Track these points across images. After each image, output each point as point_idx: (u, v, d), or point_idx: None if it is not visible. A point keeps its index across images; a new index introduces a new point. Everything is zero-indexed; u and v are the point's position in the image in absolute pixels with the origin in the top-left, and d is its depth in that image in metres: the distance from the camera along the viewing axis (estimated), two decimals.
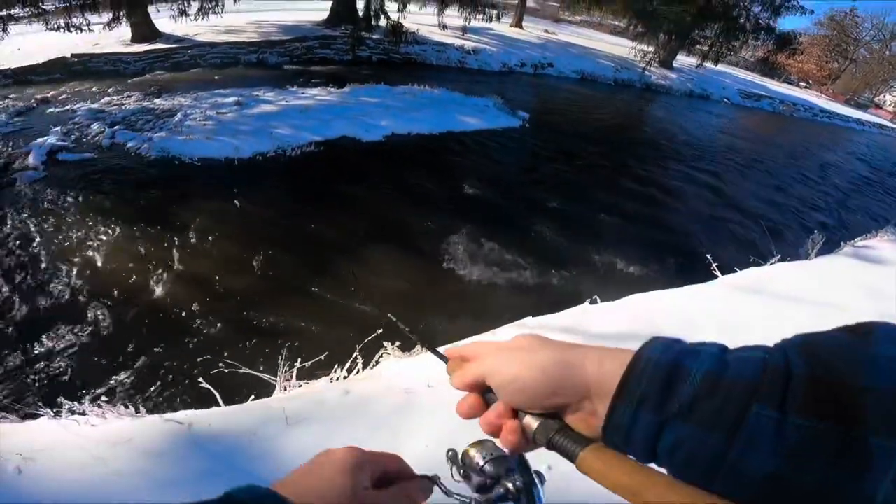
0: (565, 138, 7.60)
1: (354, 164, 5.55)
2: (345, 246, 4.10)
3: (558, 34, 20.33)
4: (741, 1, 18.66)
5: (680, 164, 8.45)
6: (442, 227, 4.47)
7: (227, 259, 3.77)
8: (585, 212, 5.31)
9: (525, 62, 13.74)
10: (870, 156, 17.50)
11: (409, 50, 11.76)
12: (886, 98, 45.88)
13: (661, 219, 5.69)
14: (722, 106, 18.62)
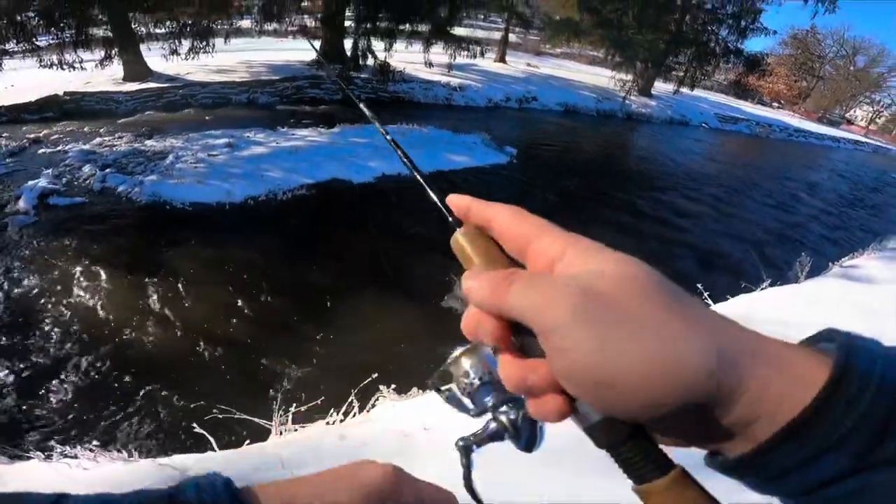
0: (552, 172, 7.77)
1: (346, 207, 5.60)
2: (339, 289, 4.10)
3: (541, 67, 21.04)
4: (710, 25, 19.62)
5: (665, 192, 8.64)
6: (434, 268, 4.49)
7: (220, 304, 3.74)
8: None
9: (510, 97, 14.15)
10: (849, 172, 18.12)
11: (397, 88, 12.07)
12: (857, 113, 47.67)
13: (651, 250, 5.77)
14: (701, 131, 19.24)
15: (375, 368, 2.18)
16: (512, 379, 0.26)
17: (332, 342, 3.50)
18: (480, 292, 0.26)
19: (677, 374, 0.21)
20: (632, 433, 0.24)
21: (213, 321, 3.54)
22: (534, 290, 0.24)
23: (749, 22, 19.45)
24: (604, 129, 14.46)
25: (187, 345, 3.30)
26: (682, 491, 0.23)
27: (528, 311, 0.23)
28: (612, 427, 0.24)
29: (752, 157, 16.36)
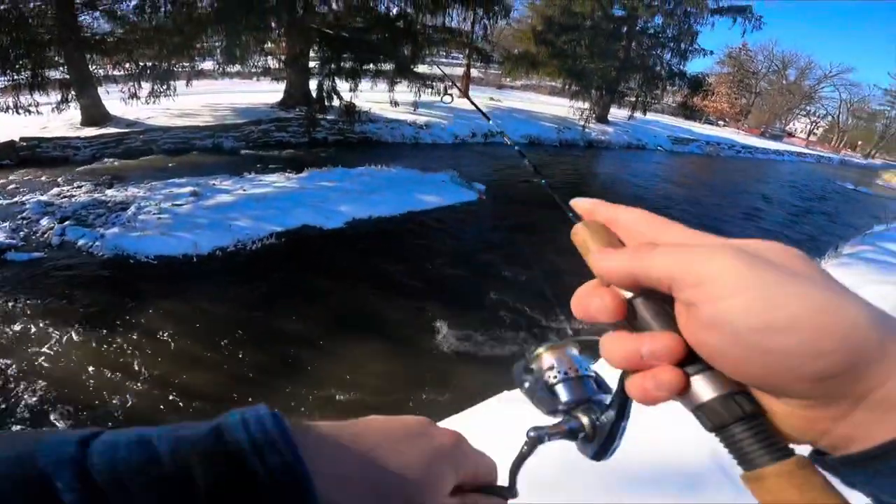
0: (522, 206, 7.93)
1: (317, 254, 5.54)
2: (315, 339, 4.04)
3: (503, 101, 21.82)
4: (654, 50, 20.97)
5: None
6: (410, 311, 4.49)
7: (190, 359, 3.63)
8: (544, 278, 5.47)
9: (475, 132, 14.54)
10: (798, 183, 19.33)
11: (364, 129, 12.21)
12: (796, 126, 51.06)
13: None
14: (658, 154, 20.22)
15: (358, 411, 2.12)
16: (623, 352, 0.25)
17: (310, 393, 3.42)
18: (618, 257, 0.26)
19: (845, 322, 0.20)
20: (750, 413, 0.23)
21: (182, 377, 3.42)
22: (682, 249, 0.24)
23: (688, 44, 20.90)
24: (567, 158, 15.00)
25: (155, 402, 3.18)
26: (807, 477, 0.21)
27: (676, 266, 0.23)
28: (729, 404, 0.23)
29: (708, 177, 17.28)
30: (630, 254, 0.25)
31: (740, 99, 45.45)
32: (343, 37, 11.38)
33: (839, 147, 47.17)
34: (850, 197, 18.23)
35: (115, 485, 0.19)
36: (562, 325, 4.65)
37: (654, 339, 0.24)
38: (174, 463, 0.20)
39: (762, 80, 47.43)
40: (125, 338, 3.81)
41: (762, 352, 0.21)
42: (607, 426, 0.31)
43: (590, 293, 0.27)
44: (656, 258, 0.24)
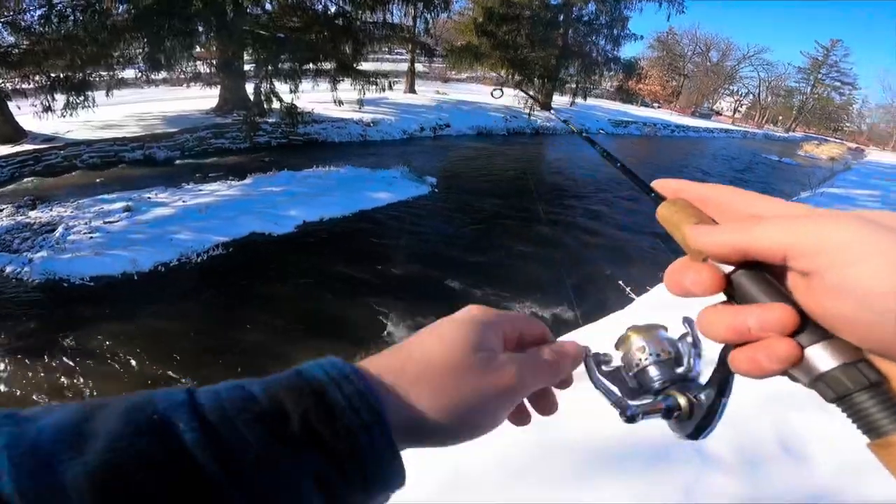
0: (473, 196, 8.00)
1: (269, 262, 5.32)
2: (269, 347, 3.90)
3: (449, 93, 21.84)
4: (589, 37, 21.72)
5: (578, 199, 9.26)
6: (369, 311, 4.42)
7: (140, 381, 3.46)
8: (501, 264, 5.55)
9: (424, 126, 14.49)
10: (729, 157, 20.70)
11: (309, 130, 11.85)
12: (722, 105, 54.66)
13: (572, 255, 6.12)
14: (600, 137, 20.96)
15: None
16: (728, 324, 0.24)
17: None
18: (723, 231, 0.24)
19: None
20: (875, 381, 0.21)
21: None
22: (794, 219, 0.22)
23: (620, 30, 21.80)
24: (516, 146, 15.27)
25: None
26: None
27: (792, 236, 0.22)
28: (852, 373, 0.22)
29: (649, 156, 18.16)
30: (735, 227, 0.24)
31: (671, 81, 47.98)
32: (278, 37, 10.96)
33: (762, 123, 50.80)
34: (776, 168, 19.71)
35: (225, 421, 0.22)
36: (526, 309, 4.73)
37: (763, 309, 0.23)
38: (269, 399, 0.24)
39: (689, 62, 50.27)
40: (66, 364, 3.57)
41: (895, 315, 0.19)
42: (705, 404, 0.30)
43: (685, 268, 0.26)
44: (768, 229, 0.23)
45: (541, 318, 4.74)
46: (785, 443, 1.67)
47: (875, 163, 22.69)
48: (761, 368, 0.23)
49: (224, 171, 8.51)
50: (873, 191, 12.18)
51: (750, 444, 1.65)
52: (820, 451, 1.61)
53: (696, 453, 1.61)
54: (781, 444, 1.67)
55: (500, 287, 4.97)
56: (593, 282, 5.39)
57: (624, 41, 22.29)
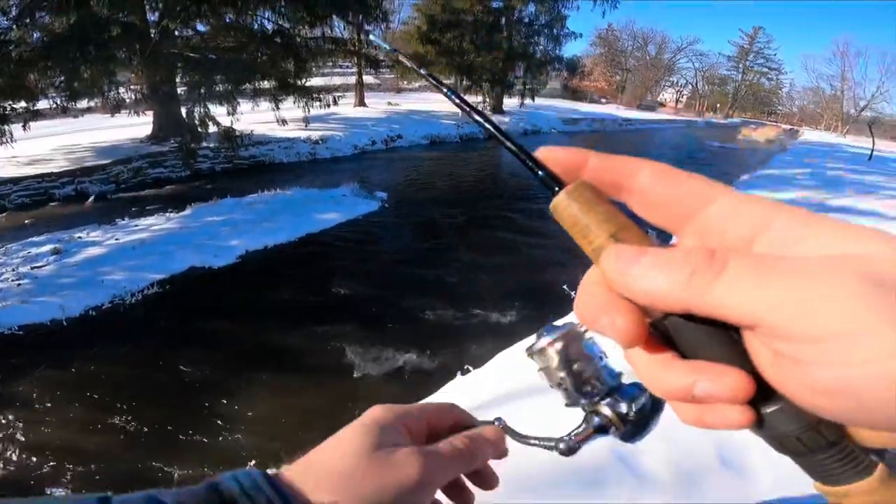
0: (425, 208, 7.89)
1: (209, 297, 5.02)
2: (211, 385, 3.70)
3: (401, 104, 21.76)
4: (532, 38, 22.27)
5: (531, 202, 9.32)
6: (315, 338, 4.24)
7: (75, 428, 3.32)
8: (452, 277, 5.45)
9: (375, 139, 14.31)
10: (675, 146, 21.62)
11: (255, 152, 11.45)
12: (665, 96, 57.39)
13: (526, 261, 6.09)
14: (553, 136, 21.46)
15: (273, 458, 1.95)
16: (666, 386, 0.19)
17: (217, 442, 3.14)
18: (664, 277, 0.17)
19: None
20: (835, 440, 0.19)
21: (72, 445, 3.15)
22: (770, 274, 0.16)
23: (559, 29, 22.46)
24: (469, 153, 15.33)
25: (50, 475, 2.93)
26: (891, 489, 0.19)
27: (765, 306, 0.16)
28: (813, 437, 0.19)
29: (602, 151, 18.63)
30: (684, 274, 0.17)
31: (615, 76, 49.91)
32: (210, 59, 10.55)
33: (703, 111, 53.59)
34: (718, 153, 20.70)
35: None
36: (481, 318, 4.65)
37: (713, 377, 0.18)
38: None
39: (630, 57, 52.51)
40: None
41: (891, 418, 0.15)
42: (637, 415, 0.29)
43: (599, 305, 0.19)
44: (735, 290, 0.16)
45: (495, 328, 4.75)
46: (723, 456, 1.63)
47: (810, 142, 24.24)
48: (709, 427, 0.20)
49: (163, 203, 8.06)
50: (806, 169, 12.93)
51: (687, 459, 1.60)
52: (759, 462, 1.58)
53: (631, 474, 1.54)
54: (720, 457, 1.63)
55: (451, 302, 4.86)
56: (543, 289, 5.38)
57: (565, 40, 22.99)
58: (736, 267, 0.16)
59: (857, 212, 7.58)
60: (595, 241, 0.20)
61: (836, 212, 7.44)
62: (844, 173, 12.45)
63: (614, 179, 0.21)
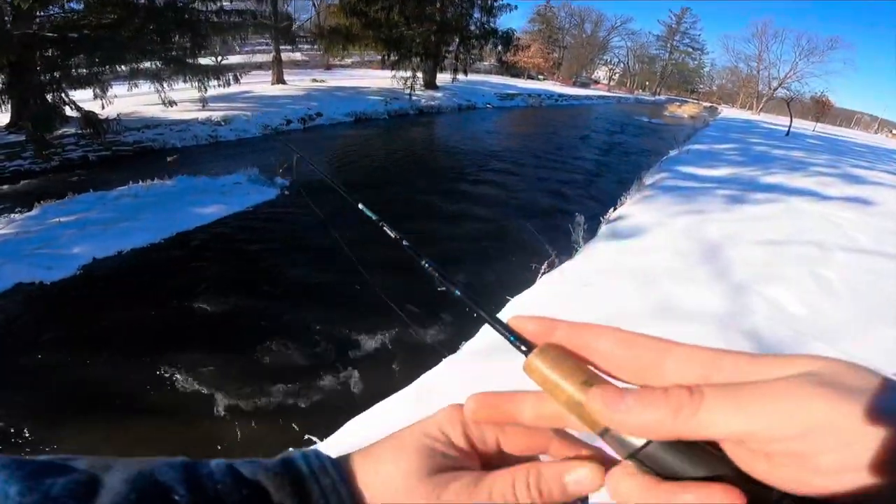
0: (330, 194, 6.86)
1: (33, 323, 3.87)
2: (22, 434, 2.75)
3: (328, 81, 20.23)
4: (466, 10, 21.32)
5: (455, 183, 8.63)
6: (166, 370, 3.27)
7: None
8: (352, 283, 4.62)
9: (290, 119, 12.94)
10: (605, 120, 21.77)
11: (140, 137, 9.83)
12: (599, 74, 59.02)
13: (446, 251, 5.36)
14: (488, 111, 20.88)
15: None
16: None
17: None
18: (653, 415, 0.20)
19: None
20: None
21: None
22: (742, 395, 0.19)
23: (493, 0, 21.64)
24: (397, 129, 14.35)
25: None
26: None
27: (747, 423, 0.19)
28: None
29: (534, 127, 18.29)
30: (670, 408, 0.20)
31: (553, 53, 50.37)
32: (72, 38, 8.85)
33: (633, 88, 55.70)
34: (646, 128, 21.04)
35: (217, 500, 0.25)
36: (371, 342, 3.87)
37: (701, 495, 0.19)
38: (255, 484, 0.26)
39: (567, 34, 53.17)
40: None
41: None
42: None
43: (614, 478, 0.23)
44: (717, 414, 0.19)
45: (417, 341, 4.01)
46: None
47: (729, 118, 25.28)
48: None
49: (15, 201, 6.53)
50: (732, 144, 13.12)
51: None
52: None
53: None
54: None
55: (344, 316, 4.01)
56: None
57: (499, 11, 22.19)
58: (713, 395, 0.19)
59: (790, 190, 7.46)
60: (564, 394, 0.23)
61: (769, 190, 7.26)
62: (768, 149, 12.74)
63: (580, 344, 0.24)
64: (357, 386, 3.27)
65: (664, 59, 57.60)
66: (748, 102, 49.34)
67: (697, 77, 59.85)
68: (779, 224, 5.51)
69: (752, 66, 49.16)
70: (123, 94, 10.88)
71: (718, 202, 6.35)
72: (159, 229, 5.13)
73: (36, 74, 9.13)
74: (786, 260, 4.39)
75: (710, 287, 3.65)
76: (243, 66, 16.45)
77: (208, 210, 5.68)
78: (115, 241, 4.83)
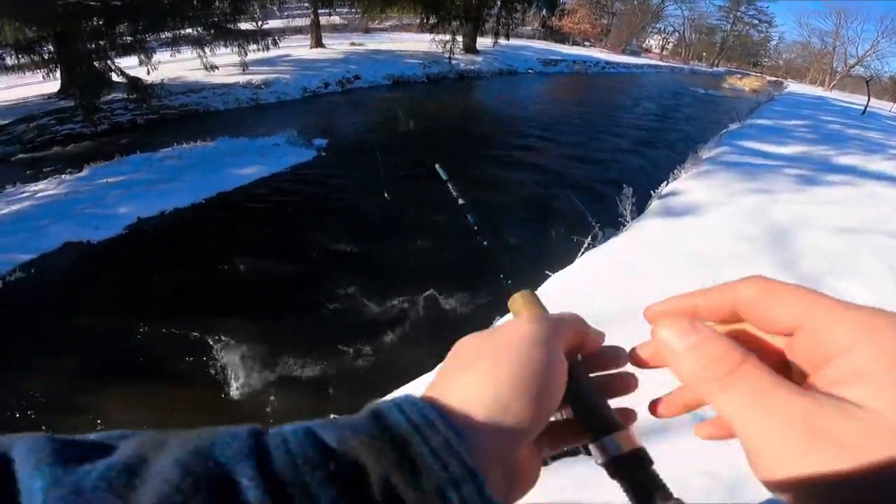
0: (368, 156, 6.71)
1: (80, 281, 4.00)
2: (62, 400, 2.85)
3: (367, 44, 19.87)
4: None
5: (502, 150, 8.27)
6: (196, 337, 3.30)
7: None
8: (389, 247, 4.49)
9: (328, 81, 12.81)
10: (656, 89, 20.37)
11: (185, 101, 9.98)
12: (651, 42, 55.37)
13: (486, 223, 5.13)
14: (529, 77, 19.96)
15: None
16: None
17: None
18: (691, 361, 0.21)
19: None
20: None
21: None
22: (756, 409, 0.19)
23: None
24: (435, 93, 13.96)
25: None
26: None
27: (738, 427, 0.20)
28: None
29: (578, 93, 17.33)
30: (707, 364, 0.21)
31: (601, 19, 47.51)
32: (115, 6, 8.95)
33: (688, 58, 51.98)
34: (702, 99, 19.52)
35: (295, 482, 0.18)
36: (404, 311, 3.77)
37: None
38: (345, 454, 0.20)
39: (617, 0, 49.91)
40: None
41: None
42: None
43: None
44: (727, 399, 0.20)
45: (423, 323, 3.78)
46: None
47: (798, 94, 23.04)
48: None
49: (67, 163, 6.80)
50: (801, 121, 11.92)
51: None
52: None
53: None
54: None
55: (379, 283, 3.90)
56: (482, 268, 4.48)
57: None
58: (745, 383, 0.20)
59: (868, 173, 6.64)
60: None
61: (844, 172, 6.50)
62: (841, 128, 11.48)
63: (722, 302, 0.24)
64: (386, 360, 3.19)
65: (725, 29, 53.36)
66: (818, 78, 45.33)
67: (762, 50, 55.30)
68: (855, 210, 4.92)
69: (827, 41, 44.92)
70: (167, 60, 11.09)
71: (787, 182, 5.76)
72: (200, 190, 5.19)
73: (82, 43, 9.37)
74: (862, 251, 3.92)
75: (778, 275, 3.28)
76: (282, 30, 16.40)
77: (247, 171, 5.69)
78: (158, 201, 4.92)
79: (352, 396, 2.82)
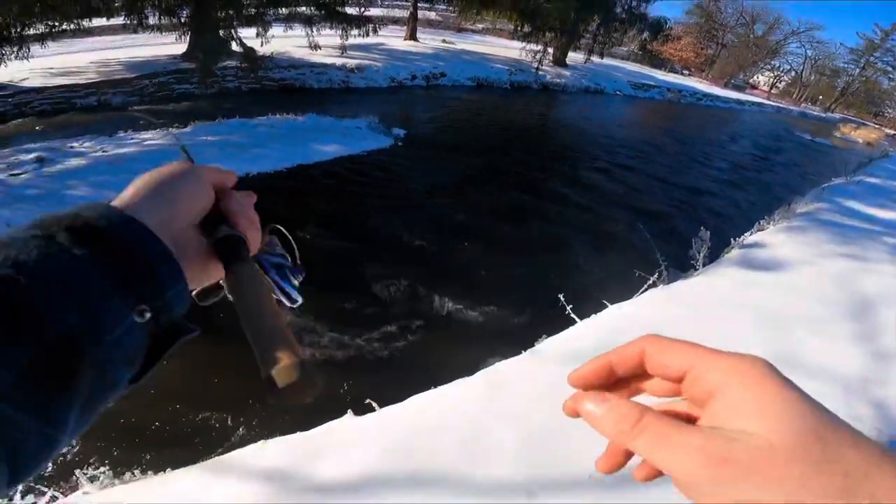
0: (442, 152, 6.84)
1: None
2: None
3: (457, 44, 20.20)
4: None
5: (574, 168, 8.10)
6: None
7: None
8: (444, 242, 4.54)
9: (416, 75, 13.22)
10: (754, 129, 18.89)
11: (286, 75, 10.74)
12: (760, 79, 51.27)
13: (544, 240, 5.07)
14: (616, 99, 19.29)
15: None
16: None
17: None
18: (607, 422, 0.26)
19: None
20: None
21: None
22: (663, 448, 0.23)
23: None
24: (516, 101, 13.90)
25: None
26: None
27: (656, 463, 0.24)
28: None
29: (667, 122, 16.51)
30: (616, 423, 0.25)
31: (706, 49, 44.87)
32: None
33: (800, 100, 47.63)
34: (807, 146, 17.86)
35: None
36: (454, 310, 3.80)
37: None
38: (47, 228, 0.27)
39: (729, 32, 46.80)
40: None
41: None
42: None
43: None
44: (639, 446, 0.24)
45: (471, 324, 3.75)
46: None
47: None
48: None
49: (174, 118, 7.58)
50: None
51: None
52: None
53: None
54: None
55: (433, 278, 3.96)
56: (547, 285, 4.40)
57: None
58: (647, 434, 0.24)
59: None
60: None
61: None
62: None
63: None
64: (431, 354, 3.25)
65: (852, 74, 48.09)
66: None
67: (889, 100, 49.39)
68: None
69: None
70: (279, 34, 11.94)
71: (884, 251, 5.17)
72: (282, 158, 5.57)
73: (215, 10, 10.33)
74: None
75: (850, 347, 3.01)
76: (382, 19, 17.10)
77: (328, 148, 6.03)
78: (246, 163, 5.34)
79: (372, 380, 2.90)
